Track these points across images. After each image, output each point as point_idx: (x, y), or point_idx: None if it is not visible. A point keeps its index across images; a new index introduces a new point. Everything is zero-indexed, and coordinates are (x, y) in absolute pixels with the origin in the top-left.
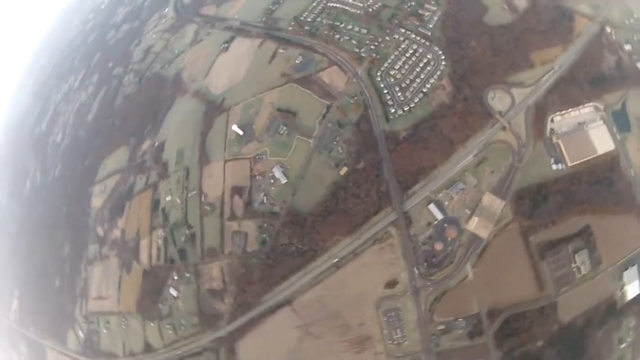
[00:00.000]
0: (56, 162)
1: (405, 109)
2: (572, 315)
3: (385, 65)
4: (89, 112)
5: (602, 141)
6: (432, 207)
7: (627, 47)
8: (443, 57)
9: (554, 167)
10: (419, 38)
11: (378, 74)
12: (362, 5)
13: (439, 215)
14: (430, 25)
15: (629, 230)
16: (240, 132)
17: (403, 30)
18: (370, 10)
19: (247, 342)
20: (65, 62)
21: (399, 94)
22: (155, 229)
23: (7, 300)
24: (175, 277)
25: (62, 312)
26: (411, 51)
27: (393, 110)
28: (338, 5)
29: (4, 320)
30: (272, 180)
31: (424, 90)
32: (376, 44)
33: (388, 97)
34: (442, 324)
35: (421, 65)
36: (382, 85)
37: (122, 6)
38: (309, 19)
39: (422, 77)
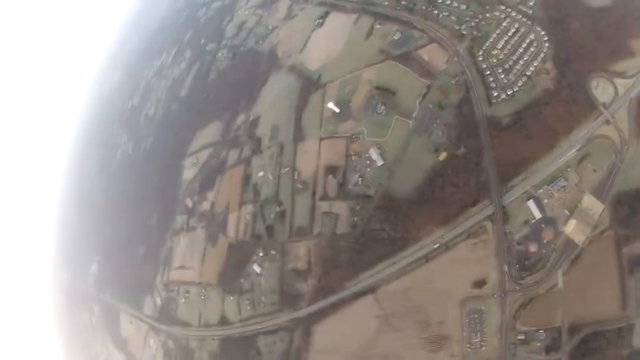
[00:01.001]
0: (149, 135)
1: (509, 92)
2: None
3: (487, 44)
4: (182, 87)
5: None
6: (531, 203)
7: None
8: (546, 39)
9: None
10: (520, 16)
11: (480, 53)
12: None
13: (538, 214)
14: (531, 3)
15: None
16: (337, 110)
17: (503, 7)
18: None
19: (324, 326)
20: (156, 40)
21: (502, 75)
22: (245, 204)
23: (85, 265)
24: (261, 254)
25: (143, 279)
26: (513, 30)
27: (496, 94)
28: None
29: (79, 282)
30: (368, 162)
31: (528, 73)
32: (476, 21)
33: (491, 79)
34: (522, 334)
35: (524, 45)
36: (484, 66)
37: None
38: None
39: (525, 58)
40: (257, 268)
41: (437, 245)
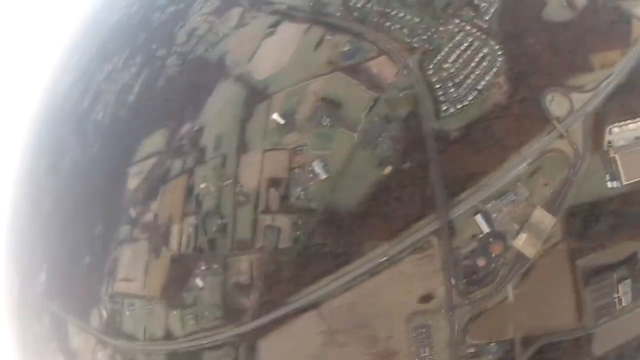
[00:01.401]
0: (96, 140)
1: (458, 106)
2: (605, 349)
3: (439, 57)
4: (131, 92)
5: None
6: (478, 218)
7: None
8: (500, 53)
9: (609, 184)
10: (474, 30)
11: (430, 66)
12: None
13: (486, 228)
14: (487, 17)
15: None
16: (282, 121)
17: (458, 21)
18: None
19: (269, 342)
20: (110, 42)
21: (452, 89)
22: (187, 216)
23: (35, 272)
24: (203, 267)
25: (89, 290)
26: (466, 44)
27: (445, 108)
28: None
29: (29, 291)
30: (311, 175)
31: (479, 87)
32: (429, 34)
33: (440, 93)
34: (473, 347)
35: (477, 59)
36: (434, 80)
37: None
38: (359, 5)
39: (477, 72)
40: (199, 282)
41: (382, 260)
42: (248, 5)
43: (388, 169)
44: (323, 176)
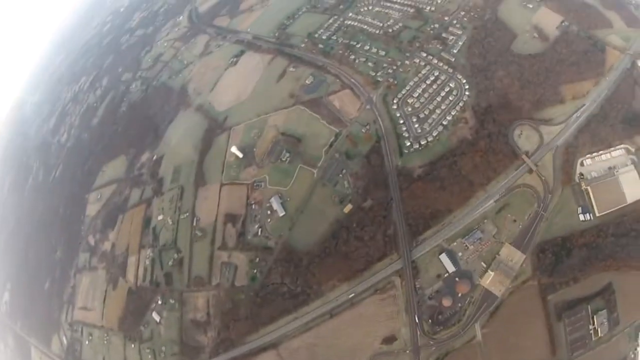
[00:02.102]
0: (58, 163)
1: (422, 143)
2: None
3: (403, 92)
4: (95, 115)
5: (632, 188)
6: (443, 257)
7: None
8: (467, 87)
9: (582, 217)
10: (441, 64)
11: (394, 101)
12: (381, 25)
13: (451, 268)
14: (455, 51)
15: None
16: (240, 155)
17: (424, 55)
18: (390, 30)
19: None
20: (79, 61)
21: (416, 125)
22: (144, 248)
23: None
24: (160, 302)
25: (50, 315)
26: (432, 78)
27: (408, 144)
28: (356, 24)
29: None
30: (269, 212)
31: (444, 122)
32: (394, 67)
33: (404, 129)
34: None
35: (442, 94)
36: (398, 115)
37: (139, 11)
38: (324, 37)
39: (442, 107)
40: (156, 316)
41: (342, 300)
42: (214, 34)
43: (348, 207)
44: (281, 213)
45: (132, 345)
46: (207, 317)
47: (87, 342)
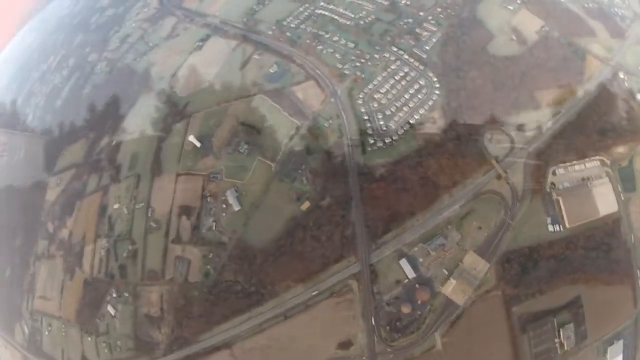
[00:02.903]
0: (22, 144)
1: (387, 141)
2: None
3: (370, 86)
4: (59, 96)
5: (605, 202)
6: (403, 262)
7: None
8: (437, 86)
9: (551, 227)
10: (412, 60)
11: (360, 96)
12: (353, 16)
13: (411, 274)
14: (427, 47)
15: (620, 302)
16: (198, 144)
17: (395, 49)
18: (362, 22)
19: None
20: (49, 39)
21: (382, 122)
22: (100, 238)
23: None
24: (114, 295)
25: (12, 304)
26: (402, 74)
27: (372, 141)
28: (327, 14)
29: None
30: (224, 205)
31: (411, 121)
32: (363, 60)
33: (368, 125)
34: None
35: (411, 91)
36: (362, 110)
37: None
38: (293, 25)
39: (410, 105)
40: (111, 309)
41: (297, 302)
42: (182, 16)
43: (306, 205)
44: (236, 208)
45: (89, 339)
46: (161, 312)
47: (46, 333)
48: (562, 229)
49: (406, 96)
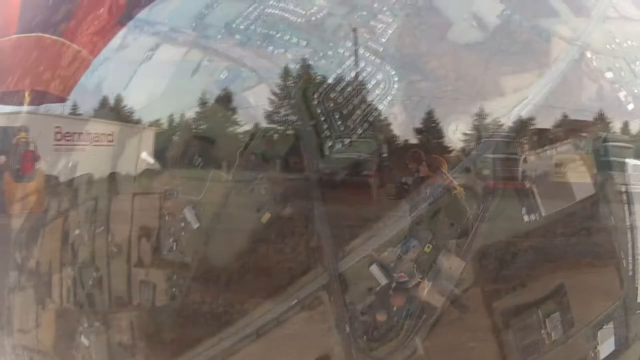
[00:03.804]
0: None
1: (346, 142)
2: None
3: (325, 86)
4: None
5: (580, 185)
6: (374, 268)
7: (609, 74)
8: (396, 79)
9: (526, 218)
10: (368, 54)
11: (315, 96)
12: (304, 12)
13: (383, 280)
14: (383, 40)
15: (606, 285)
16: (151, 160)
17: (349, 44)
18: (313, 18)
19: None
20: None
21: (339, 122)
22: (65, 266)
23: None
24: (85, 325)
25: None
26: (358, 69)
27: (330, 144)
28: (276, 12)
29: None
30: (182, 224)
31: (370, 119)
32: (315, 59)
33: (325, 126)
34: None
35: (369, 87)
36: (319, 111)
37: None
38: (242, 27)
39: (368, 102)
40: (84, 340)
41: (268, 319)
42: (132, 26)
43: (267, 216)
44: (195, 225)
45: None
46: (132, 340)
47: None
48: (538, 218)
49: (363, 92)
